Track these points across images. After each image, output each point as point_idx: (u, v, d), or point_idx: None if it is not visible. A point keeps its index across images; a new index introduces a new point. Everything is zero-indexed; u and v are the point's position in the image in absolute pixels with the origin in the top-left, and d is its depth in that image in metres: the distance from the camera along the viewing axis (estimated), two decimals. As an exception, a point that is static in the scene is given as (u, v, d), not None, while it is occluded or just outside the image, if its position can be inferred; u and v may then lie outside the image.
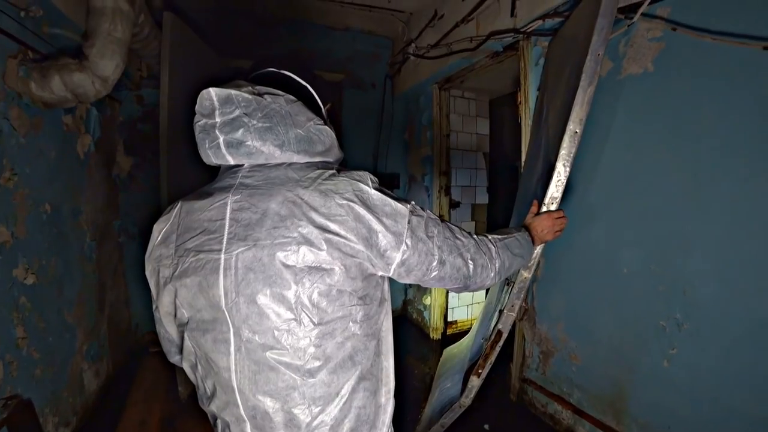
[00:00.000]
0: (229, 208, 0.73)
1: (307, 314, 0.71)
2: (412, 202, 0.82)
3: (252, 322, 0.71)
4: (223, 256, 0.71)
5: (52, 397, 1.80)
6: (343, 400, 0.76)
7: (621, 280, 1.74)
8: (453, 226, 0.91)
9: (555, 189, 1.37)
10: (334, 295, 0.72)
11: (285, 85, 0.83)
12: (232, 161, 0.76)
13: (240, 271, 0.70)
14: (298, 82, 0.87)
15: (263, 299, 0.70)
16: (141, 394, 2.46)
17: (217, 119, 0.73)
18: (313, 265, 0.70)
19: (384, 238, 0.75)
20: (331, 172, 0.77)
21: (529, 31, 2.04)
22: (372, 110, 3.66)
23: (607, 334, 1.82)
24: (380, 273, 0.79)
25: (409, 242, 0.77)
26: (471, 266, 0.91)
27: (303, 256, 0.69)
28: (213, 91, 0.73)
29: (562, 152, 1.35)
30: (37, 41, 1.73)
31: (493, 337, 1.55)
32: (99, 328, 2.38)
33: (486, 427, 2.16)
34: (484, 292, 3.70)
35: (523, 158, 2.18)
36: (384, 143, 3.70)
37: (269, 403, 0.74)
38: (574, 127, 1.32)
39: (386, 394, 0.85)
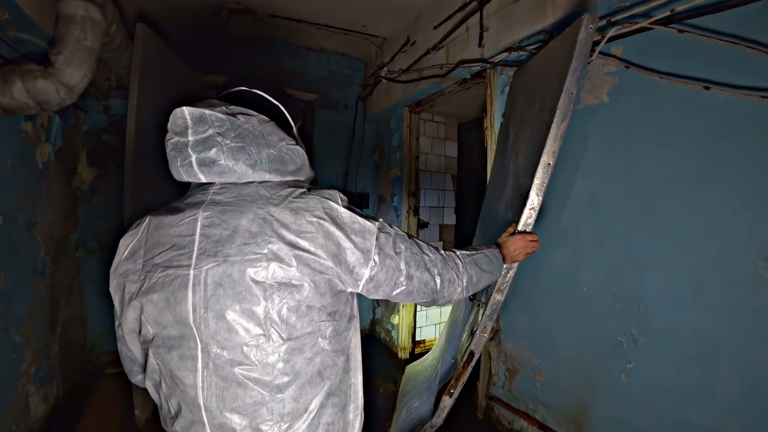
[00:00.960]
0: (199, 224, 0.74)
1: (276, 330, 0.71)
2: (381, 220, 0.85)
3: (220, 337, 0.71)
4: (192, 272, 0.71)
5: (-7, 423, 1.67)
6: (312, 415, 0.76)
7: (581, 299, 1.82)
8: (420, 242, 0.94)
9: (528, 215, 1.45)
10: (303, 310, 0.73)
11: (256, 103, 0.86)
12: (204, 179, 0.76)
13: (209, 287, 0.70)
14: (270, 102, 0.89)
15: (232, 315, 0.70)
16: (93, 419, 2.31)
17: (190, 138, 0.73)
18: (282, 281, 0.71)
19: (353, 255, 0.77)
20: (301, 190, 0.80)
21: (495, 61, 2.15)
22: (343, 131, 3.71)
23: (568, 351, 1.89)
24: (350, 289, 0.81)
25: (377, 259, 0.80)
26: (438, 281, 0.94)
27: (273, 272, 0.70)
28: (186, 110, 0.74)
29: (536, 182, 1.44)
30: (1, 45, 1.67)
31: (465, 357, 1.57)
32: (49, 348, 2.24)
33: None
34: (450, 309, 3.76)
35: (489, 180, 2.27)
36: (354, 163, 3.75)
37: (237, 420, 0.73)
38: (547, 159, 1.42)
39: (354, 410, 0.86)
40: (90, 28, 1.80)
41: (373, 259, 0.79)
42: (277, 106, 0.90)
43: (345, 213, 0.78)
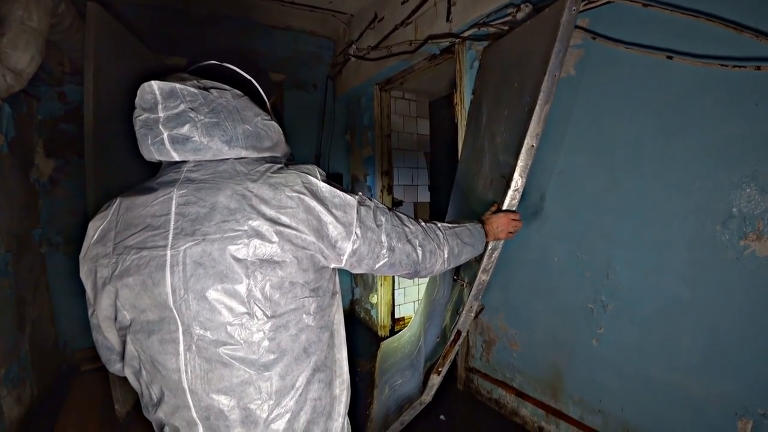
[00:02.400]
0: (174, 202, 0.70)
1: (260, 307, 0.70)
2: (360, 193, 0.85)
3: (203, 318, 0.69)
4: (169, 252, 0.68)
5: (-36, 427, 1.61)
6: (299, 392, 0.76)
7: (553, 269, 1.88)
8: (401, 215, 0.94)
9: (512, 196, 1.47)
10: (287, 287, 0.72)
11: (227, 78, 0.81)
12: (177, 157, 0.73)
13: (189, 267, 0.68)
14: (242, 76, 0.85)
15: (214, 294, 0.68)
16: (72, 417, 2.26)
17: (161, 114, 0.70)
18: (264, 257, 0.69)
19: (334, 229, 0.77)
20: (279, 165, 0.78)
21: (465, 36, 2.14)
22: (313, 111, 3.64)
23: (542, 321, 1.96)
24: (333, 265, 0.81)
25: (358, 232, 0.80)
26: (420, 252, 0.95)
27: (254, 249, 0.68)
28: (155, 84, 0.70)
29: (520, 164, 1.45)
30: (-66, 30, 1.54)
31: (452, 336, 1.60)
32: (19, 348, 2.16)
33: (442, 417, 2.22)
34: (426, 286, 3.82)
35: (460, 157, 2.28)
36: (326, 144, 3.70)
37: (224, 401, 0.72)
38: (531, 141, 1.43)
39: (340, 385, 0.87)
40: (35, 7, 1.68)
41: (355, 233, 0.79)
42: (250, 80, 0.86)
43: (325, 187, 0.78)
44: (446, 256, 1.04)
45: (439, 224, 1.08)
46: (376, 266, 0.87)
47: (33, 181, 2.60)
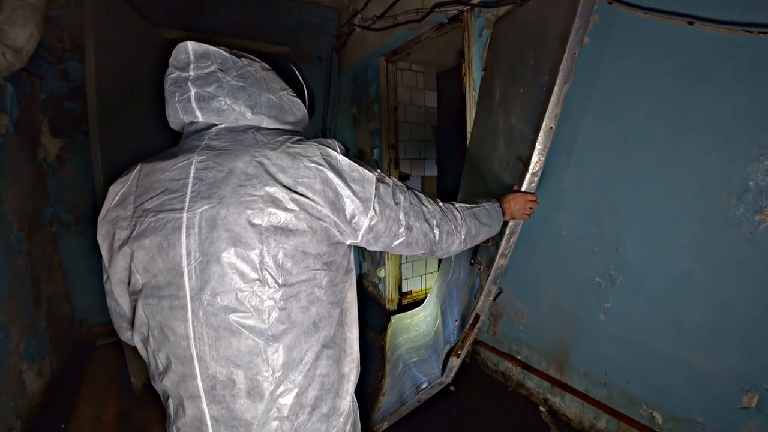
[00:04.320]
0: (193, 167, 0.71)
1: (271, 275, 0.70)
2: (379, 170, 0.85)
3: (215, 282, 0.69)
4: (185, 215, 0.69)
5: (-11, 400, 1.68)
6: (307, 367, 0.76)
7: (561, 243, 1.87)
8: (419, 194, 0.94)
9: (530, 180, 1.44)
10: (299, 257, 0.72)
11: (282, 69, 0.89)
12: (201, 117, 0.75)
13: (204, 230, 0.68)
14: (296, 74, 0.92)
15: (227, 258, 0.68)
16: (92, 389, 2.35)
17: (191, 72, 0.73)
18: (279, 225, 0.69)
19: (351, 204, 0.76)
20: (299, 137, 0.79)
21: (473, 2, 2.06)
22: (318, 84, 3.57)
23: (550, 294, 1.96)
24: (349, 241, 0.80)
25: (376, 208, 0.79)
26: (437, 232, 0.94)
27: (269, 215, 0.68)
28: (190, 45, 0.74)
29: (538, 147, 1.41)
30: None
31: (471, 320, 1.62)
32: (36, 325, 2.22)
33: (451, 388, 2.27)
34: (436, 262, 3.83)
35: (468, 129, 2.23)
36: (332, 117, 3.65)
37: (231, 370, 0.71)
38: (549, 123, 1.38)
39: (350, 363, 0.87)
40: (30, -18, 1.64)
41: (373, 208, 0.79)
42: (302, 84, 0.93)
43: (344, 160, 0.77)
44: (463, 236, 1.03)
45: (457, 204, 1.07)
46: (393, 244, 0.87)
47: (40, 161, 2.60)
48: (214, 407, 0.73)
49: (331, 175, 0.73)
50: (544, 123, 1.38)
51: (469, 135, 2.23)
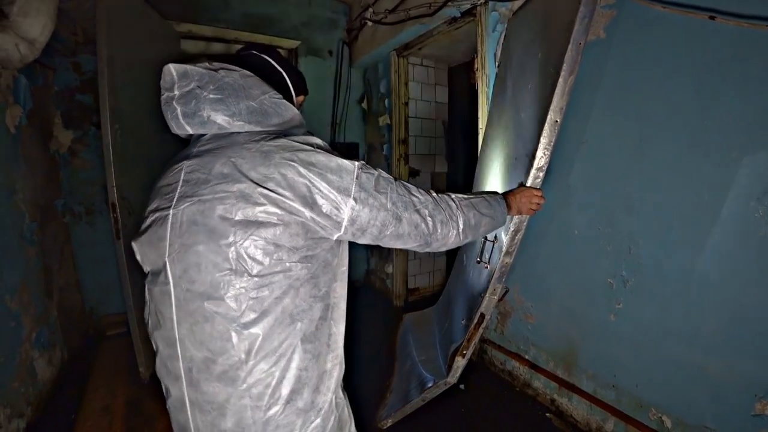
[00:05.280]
0: (183, 172, 0.80)
1: (243, 265, 0.73)
2: (363, 161, 0.84)
3: (192, 271, 0.75)
4: (171, 212, 0.77)
5: (0, 389, 1.70)
6: (282, 359, 0.78)
7: (572, 242, 1.84)
8: (408, 185, 0.92)
9: (535, 175, 1.40)
10: (271, 249, 0.74)
11: (262, 66, 0.93)
12: (190, 130, 0.82)
13: (184, 224, 0.76)
14: (273, 66, 0.96)
15: (202, 249, 0.74)
16: (101, 379, 2.38)
17: (176, 92, 0.80)
18: (249, 218, 0.73)
19: (329, 194, 0.76)
20: (276, 136, 0.81)
21: (487, -4, 2.02)
22: (329, 78, 3.55)
23: (559, 294, 1.94)
24: (335, 236, 0.81)
25: (358, 197, 0.79)
26: (430, 222, 0.92)
27: (240, 210, 0.73)
28: (172, 67, 0.80)
29: (543, 141, 1.37)
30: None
31: (476, 320, 1.60)
32: (48, 314, 2.25)
33: (461, 386, 2.26)
34: (444, 259, 3.80)
35: (480, 125, 2.20)
36: (342, 112, 3.63)
37: (204, 354, 0.76)
38: (554, 116, 1.34)
39: (333, 359, 0.88)
40: (43, -27, 1.64)
41: (353, 198, 0.78)
42: (280, 71, 0.96)
43: (320, 153, 0.79)
44: (461, 227, 1.00)
45: (453, 195, 1.05)
46: (382, 235, 0.86)
47: (53, 153, 2.63)
48: (191, 390, 0.80)
49: (303, 170, 0.75)
50: (549, 116, 1.34)
51: (481, 132, 2.20)
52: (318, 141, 0.82)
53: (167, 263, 0.77)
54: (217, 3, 2.98)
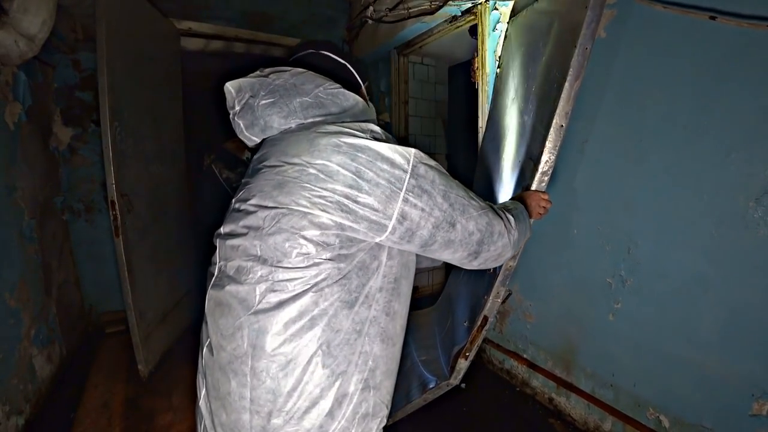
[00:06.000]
0: (251, 167, 0.85)
1: (268, 254, 0.71)
2: (419, 151, 0.75)
3: (227, 255, 0.77)
4: (233, 198, 0.83)
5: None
6: (294, 366, 0.70)
7: (571, 242, 1.84)
8: (465, 186, 0.82)
9: (540, 179, 1.38)
10: (299, 241, 0.68)
11: (323, 64, 0.90)
12: (256, 139, 0.84)
13: (232, 211, 0.80)
14: (336, 61, 0.92)
15: (238, 232, 0.75)
16: (101, 376, 2.38)
17: (237, 108, 0.81)
18: (280, 206, 0.70)
19: (376, 186, 0.68)
20: (332, 123, 0.78)
21: (487, -5, 2.02)
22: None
23: (558, 293, 1.94)
24: (377, 239, 0.72)
25: (412, 191, 0.70)
26: (487, 232, 0.81)
27: (273, 196, 0.71)
28: (229, 85, 0.82)
29: (548, 145, 1.34)
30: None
31: (479, 322, 1.59)
32: (47, 311, 2.25)
33: (462, 386, 2.25)
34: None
35: (480, 125, 2.20)
36: (343, 111, 3.62)
37: (218, 339, 0.76)
38: (560, 120, 1.31)
39: (358, 383, 0.75)
40: (43, -30, 1.64)
41: (406, 190, 0.70)
42: (344, 64, 0.93)
43: (371, 141, 0.71)
44: (513, 242, 0.89)
45: (503, 207, 0.96)
46: (432, 241, 0.75)
47: (52, 150, 2.63)
48: (205, 369, 0.81)
49: (348, 157, 0.68)
50: (554, 120, 1.33)
51: (481, 131, 2.20)
52: (375, 128, 0.76)
53: (217, 246, 0.81)
54: (218, 1, 2.98)
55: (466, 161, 3.69)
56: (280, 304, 0.69)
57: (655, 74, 1.47)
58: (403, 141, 3.24)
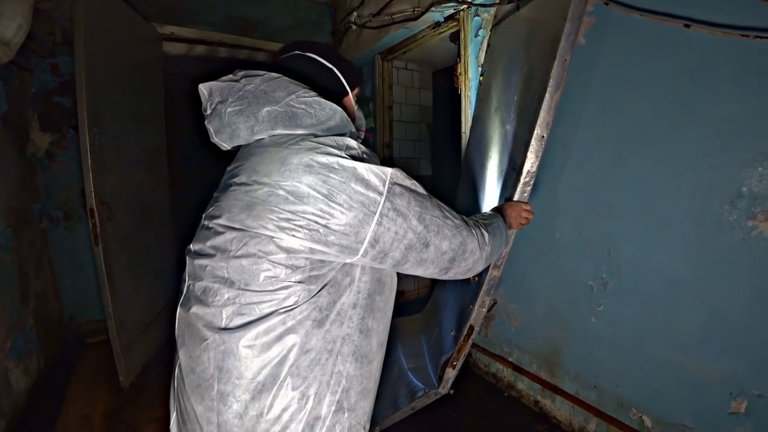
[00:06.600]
0: (222, 180, 0.82)
1: (234, 277, 0.68)
2: (399, 169, 0.73)
3: (196, 274, 0.74)
4: (204, 215, 0.81)
5: (-27, 399, 1.65)
6: (265, 391, 0.67)
7: (554, 245, 1.86)
8: (442, 205, 0.82)
9: (522, 190, 1.39)
10: (266, 265, 0.66)
11: (310, 67, 0.85)
12: (226, 146, 0.80)
13: (201, 228, 0.79)
14: (322, 64, 0.87)
15: (207, 251, 0.73)
16: (81, 388, 2.32)
17: (208, 111, 0.78)
18: (244, 227, 0.68)
19: (349, 209, 0.66)
20: (303, 138, 0.73)
21: (469, 1, 2.04)
22: (314, 82, 3.54)
23: (542, 296, 1.96)
24: (349, 259, 0.70)
25: (385, 213, 0.68)
26: (459, 251, 0.81)
27: (238, 217, 0.69)
28: (201, 87, 0.79)
29: (530, 155, 1.35)
30: None
31: (466, 331, 1.60)
32: (24, 322, 2.19)
33: (451, 391, 2.25)
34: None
35: (463, 130, 2.22)
36: (327, 116, 3.62)
37: (187, 363, 0.73)
38: (541, 131, 1.33)
39: (331, 405, 0.72)
40: (18, -27, 1.60)
41: (380, 213, 0.68)
42: (331, 68, 0.87)
43: (346, 159, 0.68)
44: (485, 257, 0.90)
45: (480, 221, 0.95)
46: (404, 261, 0.74)
47: (30, 156, 2.56)
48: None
49: (320, 178, 0.65)
50: (535, 131, 1.33)
51: (463, 135, 2.22)
52: (352, 143, 0.72)
53: (188, 261, 0.78)
54: (201, 5, 2.95)
55: (450, 166, 3.72)
56: (247, 325, 0.67)
57: (635, 80, 1.50)
58: (387, 146, 3.23)
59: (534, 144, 1.35)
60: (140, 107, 2.53)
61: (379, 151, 3.31)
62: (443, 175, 3.87)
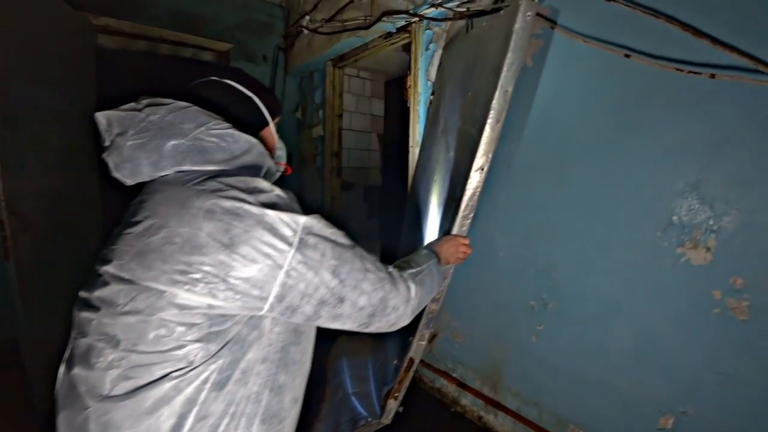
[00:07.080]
0: (123, 221, 0.72)
1: (123, 335, 0.59)
2: (319, 216, 0.68)
3: (81, 328, 0.65)
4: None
5: None
6: None
7: (497, 264, 1.87)
8: (365, 255, 0.75)
9: (461, 224, 1.34)
10: (156, 323, 0.59)
11: (227, 94, 0.79)
12: (129, 182, 0.70)
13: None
14: (241, 93, 0.80)
15: (93, 302, 0.63)
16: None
17: (106, 143, 0.69)
18: (136, 281, 0.59)
19: (251, 265, 0.60)
20: (209, 177, 0.65)
21: (420, 14, 2.02)
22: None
23: (485, 314, 1.96)
24: (252, 314, 0.64)
25: (294, 267, 0.62)
26: (379, 307, 0.75)
27: (132, 269, 0.60)
28: (98, 116, 0.70)
29: (469, 188, 1.30)
30: None
31: (406, 364, 1.57)
32: None
33: (400, 409, 2.21)
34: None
35: (411, 143, 2.19)
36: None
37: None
38: (480, 163, 1.27)
39: None
40: None
41: (288, 268, 0.62)
42: (250, 96, 0.81)
43: (252, 205, 0.62)
44: (410, 312, 0.84)
45: (408, 272, 0.89)
46: (316, 317, 0.69)
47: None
48: None
49: (218, 229, 0.59)
50: (475, 162, 1.28)
51: (410, 150, 2.19)
52: (263, 185, 0.66)
53: (74, 312, 0.67)
54: (141, -3, 2.75)
55: (401, 175, 3.70)
56: (134, 392, 0.59)
57: (579, 104, 1.53)
58: (336, 155, 3.14)
59: (474, 176, 1.30)
60: (67, 105, 2.31)
61: (327, 161, 3.22)
62: (394, 186, 3.85)
